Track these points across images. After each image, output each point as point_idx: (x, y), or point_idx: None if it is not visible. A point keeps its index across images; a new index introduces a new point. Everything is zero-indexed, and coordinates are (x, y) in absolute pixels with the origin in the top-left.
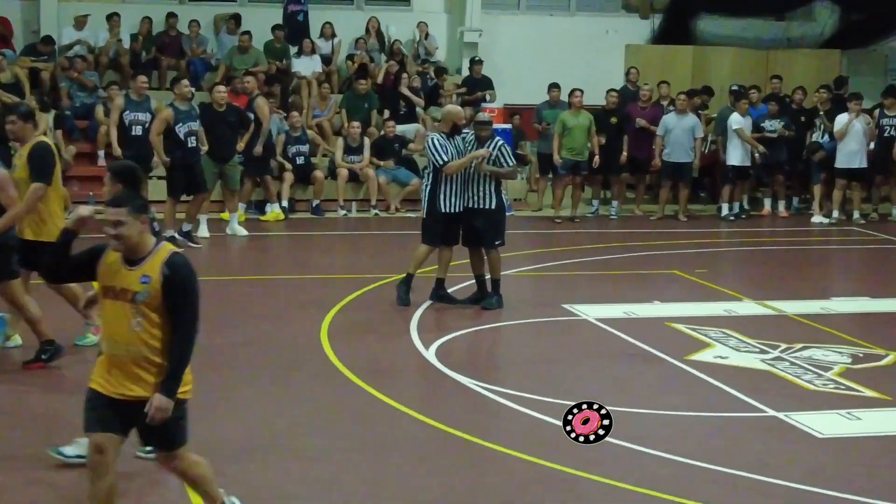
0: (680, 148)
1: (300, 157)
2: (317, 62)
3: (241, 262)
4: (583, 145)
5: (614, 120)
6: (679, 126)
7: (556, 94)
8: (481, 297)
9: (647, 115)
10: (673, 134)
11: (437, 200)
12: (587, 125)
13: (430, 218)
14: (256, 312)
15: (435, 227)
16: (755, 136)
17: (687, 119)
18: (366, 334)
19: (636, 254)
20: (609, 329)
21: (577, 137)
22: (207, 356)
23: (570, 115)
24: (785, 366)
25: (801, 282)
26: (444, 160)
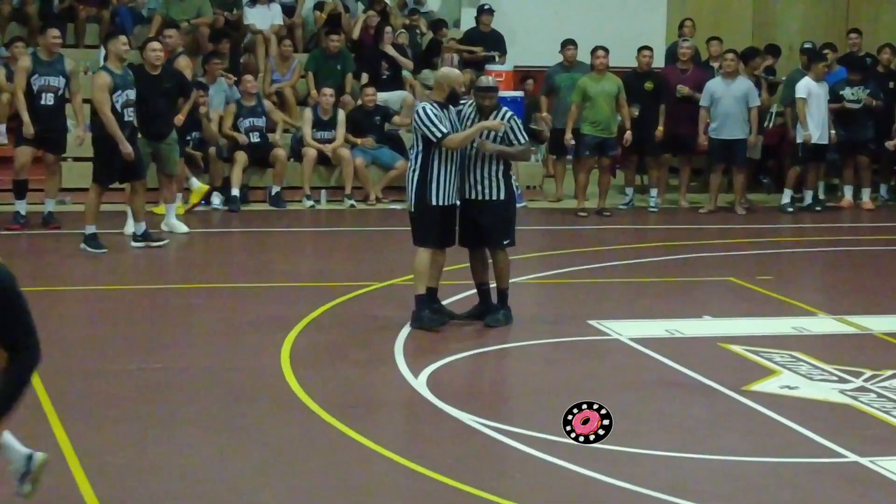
0: (731, 121)
1: (255, 132)
2: (276, 13)
3: (180, 267)
4: (609, 118)
5: (650, 85)
6: (728, 94)
7: (573, 53)
8: (485, 312)
9: (689, 81)
10: (721, 104)
11: (427, 190)
12: (614, 92)
13: (419, 213)
14: (200, 330)
15: (427, 223)
16: (834, 107)
17: (737, 84)
18: (338, 359)
19: (681, 256)
20: (647, 351)
21: (601, 108)
22: (137, 385)
23: (591, 81)
24: (870, 398)
25: (891, 292)
26: (444, 131)
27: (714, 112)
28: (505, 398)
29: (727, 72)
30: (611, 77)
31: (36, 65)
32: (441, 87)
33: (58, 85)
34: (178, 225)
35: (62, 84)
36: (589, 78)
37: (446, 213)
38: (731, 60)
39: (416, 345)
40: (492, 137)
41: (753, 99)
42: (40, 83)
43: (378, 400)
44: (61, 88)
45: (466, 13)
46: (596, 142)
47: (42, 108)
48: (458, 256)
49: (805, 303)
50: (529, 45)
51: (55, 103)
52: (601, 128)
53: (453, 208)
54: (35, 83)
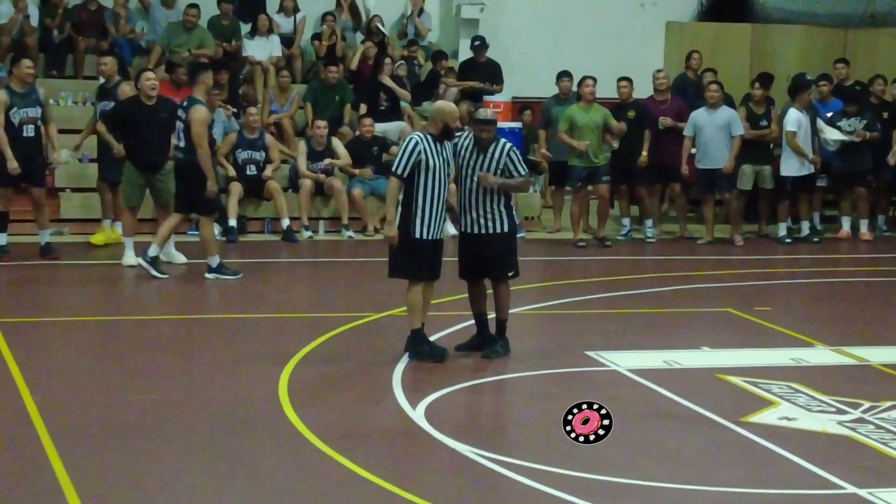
0: (713, 151)
1: (252, 165)
2: (275, 44)
3: (178, 297)
4: (596, 148)
5: (632, 114)
6: (711, 123)
7: (568, 85)
8: (482, 343)
9: (668, 111)
10: (704, 133)
11: (411, 222)
12: (601, 122)
13: (406, 246)
14: (197, 361)
15: (415, 256)
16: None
17: (720, 113)
18: (336, 390)
19: (679, 287)
20: (645, 382)
21: (588, 138)
22: (133, 416)
23: (579, 110)
24: (869, 430)
25: (889, 323)
26: (399, 172)
27: (697, 142)
28: (503, 429)
29: (711, 101)
30: (598, 107)
31: (13, 97)
32: (435, 122)
33: (36, 115)
34: (177, 255)
35: (39, 114)
36: (577, 107)
37: (432, 246)
38: (714, 91)
39: (414, 376)
40: (492, 170)
41: (736, 127)
42: (20, 116)
43: (376, 431)
44: (38, 118)
45: (464, 44)
46: (586, 172)
47: (24, 140)
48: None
49: (803, 334)
50: (528, 76)
51: (35, 134)
52: (588, 159)
53: (439, 242)
54: (14, 117)
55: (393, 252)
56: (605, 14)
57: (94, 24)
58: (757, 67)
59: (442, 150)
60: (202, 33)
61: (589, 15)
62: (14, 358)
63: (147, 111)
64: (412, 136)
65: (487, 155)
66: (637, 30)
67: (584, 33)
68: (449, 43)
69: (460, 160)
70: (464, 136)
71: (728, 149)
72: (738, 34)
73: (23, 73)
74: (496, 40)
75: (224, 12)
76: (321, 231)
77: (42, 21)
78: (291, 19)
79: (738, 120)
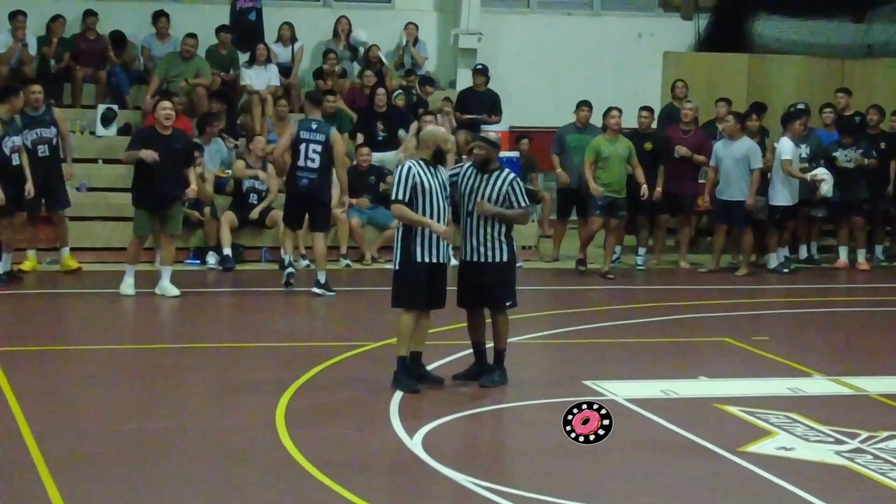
0: (731, 183)
1: (254, 194)
2: (273, 73)
3: (174, 326)
4: (621, 179)
5: (649, 146)
6: (728, 155)
7: (586, 115)
8: (480, 372)
9: (689, 142)
10: (723, 165)
11: (412, 246)
12: (626, 154)
13: (404, 270)
14: (194, 391)
15: (412, 283)
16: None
17: (738, 145)
18: (333, 420)
19: (677, 316)
20: (643, 412)
21: (614, 169)
22: (131, 445)
23: (605, 141)
24: (867, 460)
25: (887, 353)
26: (400, 197)
27: (721, 174)
28: (500, 459)
29: (729, 132)
30: (623, 139)
31: (25, 120)
32: (427, 145)
33: (50, 136)
34: (171, 288)
35: (54, 134)
36: (603, 138)
37: (434, 272)
38: (730, 123)
39: (411, 405)
40: (493, 197)
41: (755, 160)
42: (33, 136)
43: (373, 461)
44: (54, 138)
45: (462, 74)
46: (607, 202)
47: (39, 160)
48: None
49: (801, 363)
50: (525, 105)
51: (50, 154)
52: (613, 189)
53: (442, 268)
54: (27, 137)
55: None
56: (603, 44)
57: (93, 53)
58: (754, 97)
59: (436, 173)
60: (200, 62)
61: (586, 45)
62: (11, 386)
63: (164, 140)
64: (405, 163)
65: (489, 183)
66: (634, 60)
67: (582, 63)
68: (447, 73)
69: (462, 187)
70: (466, 166)
71: (748, 181)
72: (736, 64)
73: (31, 97)
74: (494, 70)
75: (222, 42)
76: None
77: (40, 50)
78: (289, 49)
79: (757, 152)
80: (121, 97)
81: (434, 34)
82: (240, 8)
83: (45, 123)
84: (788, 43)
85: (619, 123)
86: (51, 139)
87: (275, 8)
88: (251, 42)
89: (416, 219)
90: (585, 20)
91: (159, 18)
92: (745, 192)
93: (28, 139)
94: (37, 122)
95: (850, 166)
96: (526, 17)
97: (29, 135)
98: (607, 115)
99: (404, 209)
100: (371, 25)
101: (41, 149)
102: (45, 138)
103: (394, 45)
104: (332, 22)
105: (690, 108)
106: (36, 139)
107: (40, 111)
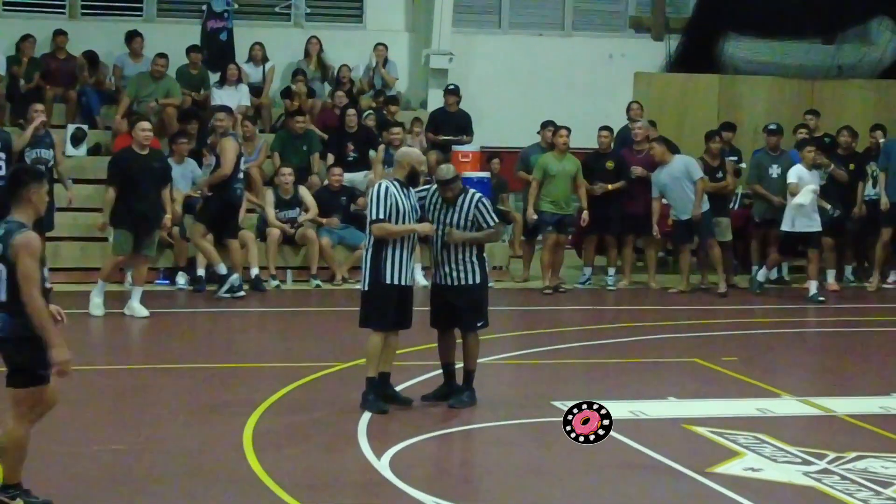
0: (681, 202)
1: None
2: (244, 93)
3: (144, 347)
4: (567, 196)
5: (611, 165)
6: (668, 178)
7: (550, 135)
8: (449, 393)
9: (641, 162)
10: (667, 191)
11: (381, 267)
12: (573, 172)
13: (372, 291)
14: (163, 411)
15: (381, 304)
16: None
17: (673, 166)
18: (301, 440)
19: (646, 337)
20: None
21: (560, 186)
22: (95, 466)
23: (553, 159)
24: (834, 480)
25: (855, 374)
26: (380, 216)
27: (669, 197)
28: (468, 480)
29: (658, 160)
30: (571, 157)
31: None
32: (401, 166)
33: (48, 157)
34: (140, 309)
35: (51, 156)
36: (551, 156)
37: (402, 292)
38: (654, 148)
39: (380, 426)
40: (460, 226)
41: (695, 172)
42: (33, 156)
43: (340, 482)
44: (51, 161)
45: (434, 94)
46: (555, 219)
47: None
48: (416, 338)
49: (769, 384)
50: (496, 125)
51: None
52: (559, 206)
53: (409, 290)
54: (28, 156)
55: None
56: (574, 64)
57: (63, 73)
58: (725, 118)
59: (409, 195)
60: (170, 83)
61: (558, 65)
62: None
63: (142, 161)
64: (380, 182)
65: (456, 207)
66: (605, 80)
67: (553, 83)
68: (418, 93)
69: (429, 214)
70: (432, 189)
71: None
72: (706, 85)
73: (31, 116)
74: (465, 90)
75: (193, 62)
76: (289, 280)
77: (10, 70)
78: (260, 69)
79: (694, 164)
80: (91, 117)
81: (405, 54)
82: (211, 28)
83: (45, 145)
84: (759, 64)
85: (566, 143)
86: (48, 161)
87: (246, 28)
88: (222, 62)
89: (403, 228)
90: (557, 41)
91: (134, 38)
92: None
93: (28, 159)
94: (38, 142)
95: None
96: (497, 37)
97: (29, 154)
98: (556, 133)
99: (387, 226)
100: (342, 45)
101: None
102: (43, 159)
103: (364, 65)
104: (303, 42)
105: (640, 128)
106: (35, 159)
107: (41, 132)
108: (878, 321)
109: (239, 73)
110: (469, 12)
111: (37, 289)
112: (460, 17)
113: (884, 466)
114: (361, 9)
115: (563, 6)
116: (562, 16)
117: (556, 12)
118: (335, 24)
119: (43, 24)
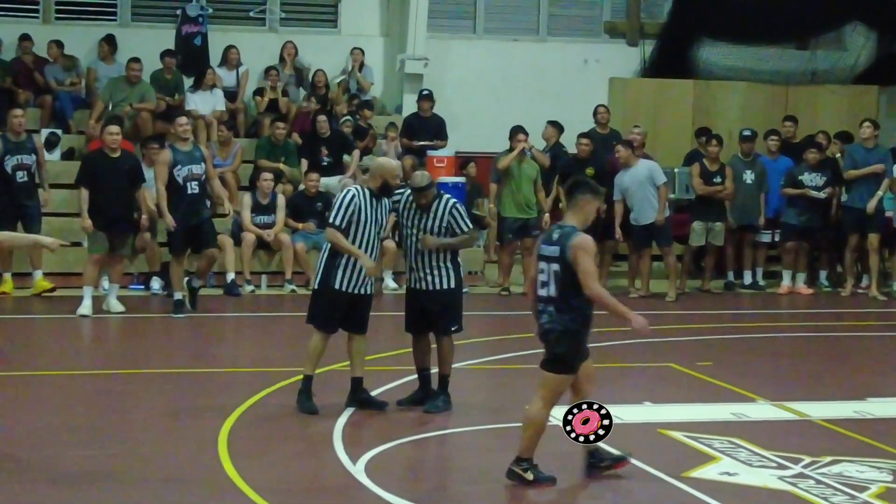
0: (643, 206)
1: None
2: (218, 98)
3: (118, 352)
4: (530, 200)
5: (591, 171)
6: (632, 182)
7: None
8: (424, 398)
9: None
10: (629, 194)
11: (333, 272)
12: (534, 175)
13: (322, 292)
14: (137, 417)
15: (327, 306)
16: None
17: (637, 170)
18: (276, 445)
19: (621, 342)
20: None
21: (523, 190)
22: (73, 472)
23: (513, 163)
24: (809, 485)
25: (830, 378)
26: (336, 223)
27: (629, 201)
28: (444, 485)
29: (623, 163)
30: (530, 161)
31: (6, 145)
32: (374, 177)
33: (30, 163)
34: (116, 304)
35: (33, 161)
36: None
37: (354, 299)
38: (621, 152)
39: (355, 431)
40: (434, 231)
41: (658, 177)
42: (13, 162)
43: (315, 486)
44: (32, 166)
45: (408, 99)
46: (518, 224)
47: (19, 185)
48: (390, 343)
49: (744, 389)
50: (471, 130)
51: (28, 181)
52: (522, 209)
53: (363, 297)
54: (7, 163)
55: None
56: (549, 70)
57: (34, 76)
58: (699, 123)
59: (377, 206)
60: (144, 87)
61: (532, 70)
62: None
63: (112, 163)
64: (350, 188)
65: (430, 212)
66: (580, 86)
67: (528, 88)
68: (393, 98)
69: (403, 219)
70: (406, 194)
71: (656, 200)
72: (681, 90)
73: (13, 122)
74: (440, 95)
75: (167, 66)
76: (263, 285)
77: None
78: (234, 73)
79: (657, 169)
80: (64, 121)
81: (380, 59)
82: (185, 32)
83: (26, 150)
84: (733, 69)
85: (526, 146)
86: (30, 166)
87: (220, 32)
88: (196, 66)
89: (347, 247)
90: (531, 46)
91: (109, 42)
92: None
93: (8, 165)
94: (19, 147)
95: (821, 196)
96: (472, 42)
97: (10, 160)
98: (515, 136)
99: (338, 235)
100: (317, 50)
101: (20, 174)
102: (25, 165)
103: (339, 69)
104: (278, 46)
105: (639, 133)
106: (16, 165)
107: (22, 137)
108: (853, 326)
109: (213, 77)
110: (444, 17)
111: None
112: (435, 22)
113: (859, 471)
114: (336, 14)
115: (539, 11)
116: (537, 21)
117: (531, 18)
118: (310, 28)
119: (16, 28)
